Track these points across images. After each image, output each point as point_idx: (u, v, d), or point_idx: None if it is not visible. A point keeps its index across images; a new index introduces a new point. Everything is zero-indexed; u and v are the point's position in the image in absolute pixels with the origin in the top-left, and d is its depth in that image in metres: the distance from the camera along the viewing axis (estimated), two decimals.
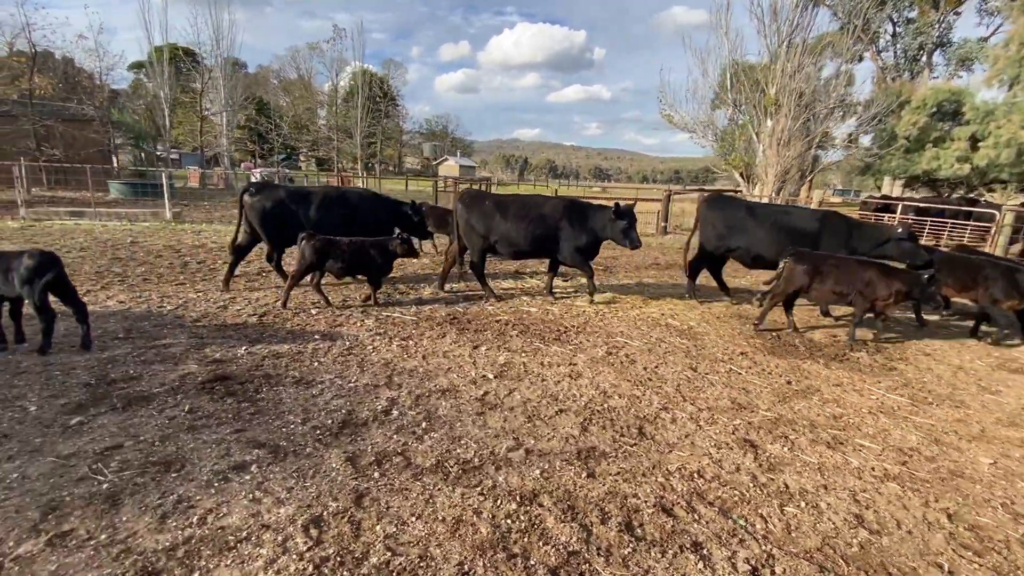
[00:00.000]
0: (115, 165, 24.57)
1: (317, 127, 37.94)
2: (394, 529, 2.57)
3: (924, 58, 33.28)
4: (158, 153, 31.26)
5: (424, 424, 3.63)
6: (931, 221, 14.69)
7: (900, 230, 6.84)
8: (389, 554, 2.39)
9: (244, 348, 4.86)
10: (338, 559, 2.35)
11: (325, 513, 2.65)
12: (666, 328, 6.28)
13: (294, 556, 2.35)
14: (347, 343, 5.17)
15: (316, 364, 4.61)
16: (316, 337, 5.30)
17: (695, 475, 3.22)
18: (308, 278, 6.65)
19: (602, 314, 6.75)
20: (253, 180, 29.97)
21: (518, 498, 2.86)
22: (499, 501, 2.83)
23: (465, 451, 3.32)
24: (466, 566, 2.35)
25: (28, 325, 4.78)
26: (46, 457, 2.98)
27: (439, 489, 2.90)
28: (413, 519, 2.65)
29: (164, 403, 3.70)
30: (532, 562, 2.40)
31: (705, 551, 2.57)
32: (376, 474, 3.01)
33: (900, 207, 15.80)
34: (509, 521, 2.68)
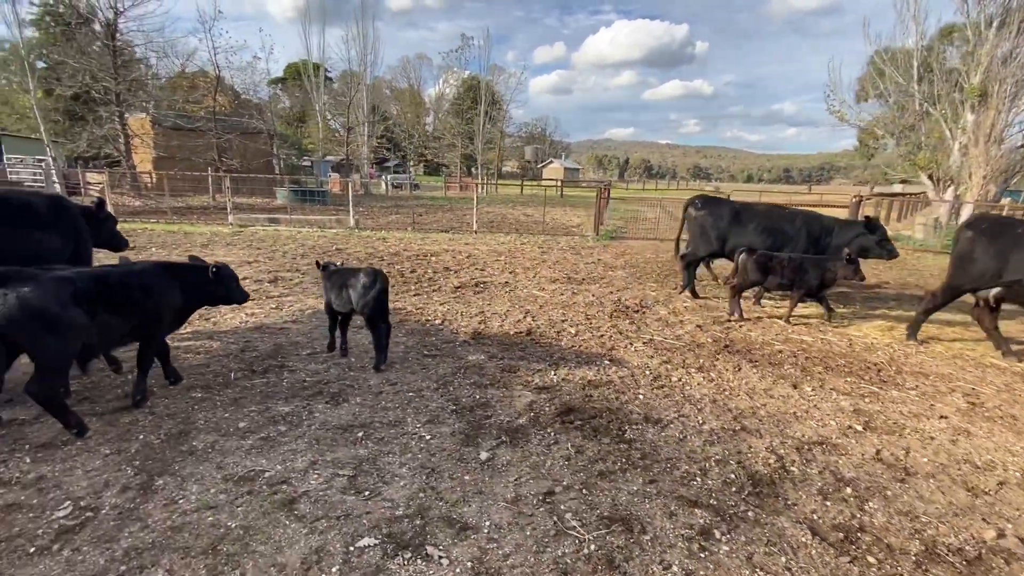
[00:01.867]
0: (279, 173, 27.19)
1: (440, 133, 39.76)
2: None
3: None
4: (298, 162, 34.26)
5: (848, 490, 3.12)
6: None
7: None
8: None
9: (552, 373, 4.69)
10: None
11: None
12: (999, 371, 5.27)
13: None
14: (646, 373, 4.83)
15: (640, 397, 4.30)
16: (606, 362, 5.03)
17: None
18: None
19: (901, 350, 5.86)
20: (386, 184, 31.80)
21: None
22: None
23: (937, 533, 2.77)
24: None
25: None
26: (495, 502, 2.85)
27: None
28: None
29: (543, 438, 3.54)
30: None
31: None
32: (870, 558, 2.55)
33: None
34: None
